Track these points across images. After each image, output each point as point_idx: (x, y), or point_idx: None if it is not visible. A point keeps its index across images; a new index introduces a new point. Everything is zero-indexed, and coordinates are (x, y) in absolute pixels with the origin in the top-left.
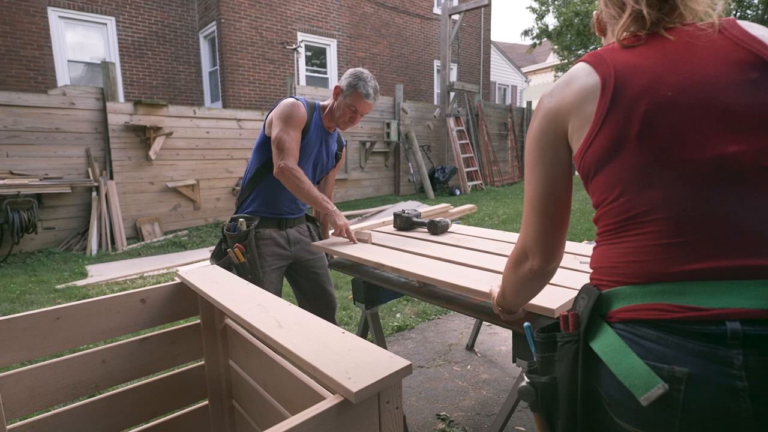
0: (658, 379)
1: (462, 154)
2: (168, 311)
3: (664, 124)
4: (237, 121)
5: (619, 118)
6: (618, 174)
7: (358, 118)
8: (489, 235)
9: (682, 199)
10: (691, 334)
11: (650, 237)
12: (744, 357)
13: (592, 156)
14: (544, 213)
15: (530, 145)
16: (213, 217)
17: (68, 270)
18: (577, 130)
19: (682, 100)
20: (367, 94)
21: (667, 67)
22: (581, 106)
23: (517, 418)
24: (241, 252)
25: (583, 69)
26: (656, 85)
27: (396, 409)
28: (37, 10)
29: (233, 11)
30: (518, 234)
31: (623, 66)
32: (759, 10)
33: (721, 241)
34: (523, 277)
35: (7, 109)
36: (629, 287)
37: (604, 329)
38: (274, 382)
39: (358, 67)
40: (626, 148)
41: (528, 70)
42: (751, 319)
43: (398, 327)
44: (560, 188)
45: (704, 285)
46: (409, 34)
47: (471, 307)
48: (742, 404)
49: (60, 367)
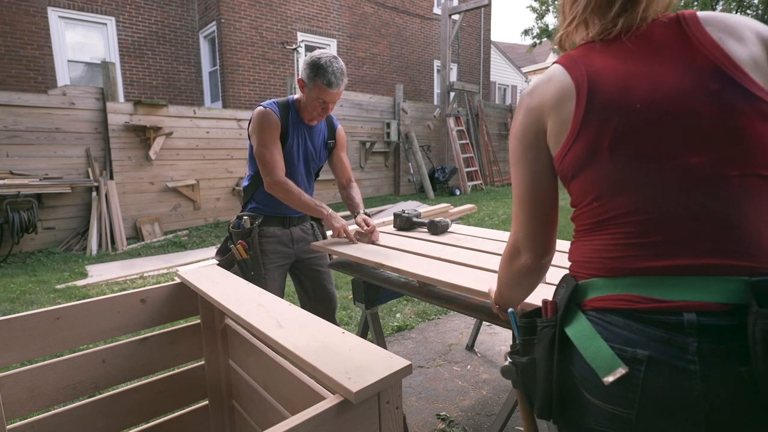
0: (620, 362)
1: (462, 154)
2: (168, 311)
3: (634, 135)
4: (237, 121)
5: (594, 128)
6: (592, 181)
7: (331, 107)
8: (489, 235)
9: (649, 205)
10: (654, 322)
11: (620, 237)
12: (698, 344)
13: (569, 163)
14: (533, 208)
15: (513, 143)
16: (213, 217)
17: (68, 270)
18: (555, 133)
19: (650, 112)
20: (330, 82)
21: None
22: (560, 106)
23: (516, 418)
24: (244, 248)
25: (558, 70)
26: (626, 95)
27: (396, 409)
28: (37, 10)
29: (233, 11)
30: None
31: (594, 72)
32: (759, 10)
33: (683, 242)
34: (517, 272)
35: (7, 109)
36: (602, 279)
37: (578, 316)
38: (274, 382)
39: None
40: (600, 157)
41: (528, 70)
42: (707, 311)
43: (398, 327)
44: (545, 183)
45: (667, 279)
46: (409, 34)
47: (471, 307)
48: (694, 385)
49: (60, 367)
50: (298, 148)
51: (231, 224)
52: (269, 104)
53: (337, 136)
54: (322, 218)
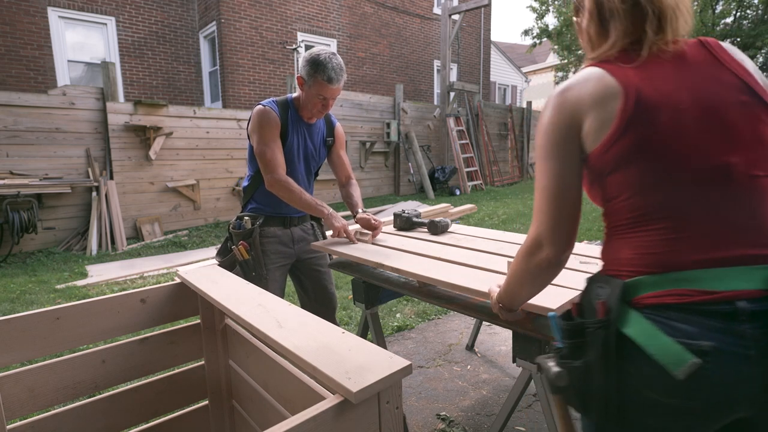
0: (691, 355)
1: (462, 154)
2: (168, 311)
3: (680, 133)
4: (237, 121)
5: (642, 126)
6: (635, 176)
7: (331, 104)
8: (489, 235)
9: (689, 201)
10: (709, 313)
11: (663, 232)
12: (752, 330)
13: (611, 157)
14: (560, 203)
15: (543, 139)
16: (213, 217)
17: (68, 270)
18: (595, 129)
19: (695, 114)
20: (330, 78)
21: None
22: (602, 104)
23: (517, 418)
24: (246, 249)
25: (597, 72)
26: (673, 96)
27: (396, 409)
28: (37, 10)
29: (233, 11)
30: (516, 234)
31: (639, 75)
32: (759, 10)
33: (722, 235)
34: (536, 267)
35: (7, 109)
36: (651, 276)
37: (632, 315)
38: (274, 382)
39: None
40: (647, 153)
41: (528, 70)
42: (754, 298)
43: (398, 327)
44: (574, 179)
45: (712, 272)
46: (409, 34)
47: (471, 307)
48: (753, 368)
49: (60, 367)
50: (298, 146)
51: (231, 225)
52: (268, 103)
53: (336, 134)
54: (323, 218)
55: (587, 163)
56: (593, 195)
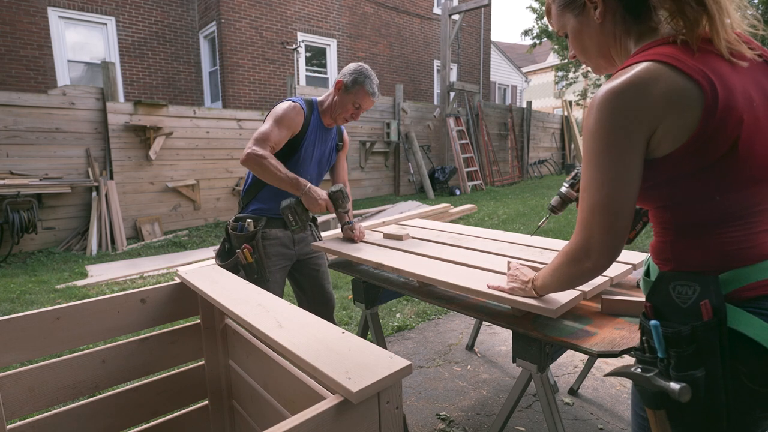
0: None
1: (462, 154)
2: (168, 311)
3: (758, 132)
4: (237, 121)
5: (729, 125)
6: (719, 176)
7: (359, 115)
8: (489, 235)
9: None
10: None
11: (751, 226)
12: None
13: (692, 159)
14: (617, 215)
15: (597, 144)
16: (213, 217)
17: (68, 270)
18: (674, 131)
19: (765, 111)
20: (373, 92)
21: (740, 74)
22: (681, 104)
23: (517, 418)
24: (249, 252)
25: (664, 70)
26: (745, 94)
27: (396, 409)
28: (37, 10)
29: (233, 11)
30: (516, 234)
31: (711, 72)
32: (759, 10)
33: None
34: (578, 273)
35: (7, 109)
36: (744, 269)
37: (736, 311)
38: (274, 382)
39: None
40: (734, 152)
41: (528, 70)
42: None
43: (398, 327)
44: (635, 190)
45: None
46: (409, 34)
47: (471, 307)
48: None
49: (60, 367)
50: (313, 148)
51: (230, 227)
52: (299, 100)
53: (344, 139)
54: (300, 195)
55: (655, 167)
56: (650, 198)
